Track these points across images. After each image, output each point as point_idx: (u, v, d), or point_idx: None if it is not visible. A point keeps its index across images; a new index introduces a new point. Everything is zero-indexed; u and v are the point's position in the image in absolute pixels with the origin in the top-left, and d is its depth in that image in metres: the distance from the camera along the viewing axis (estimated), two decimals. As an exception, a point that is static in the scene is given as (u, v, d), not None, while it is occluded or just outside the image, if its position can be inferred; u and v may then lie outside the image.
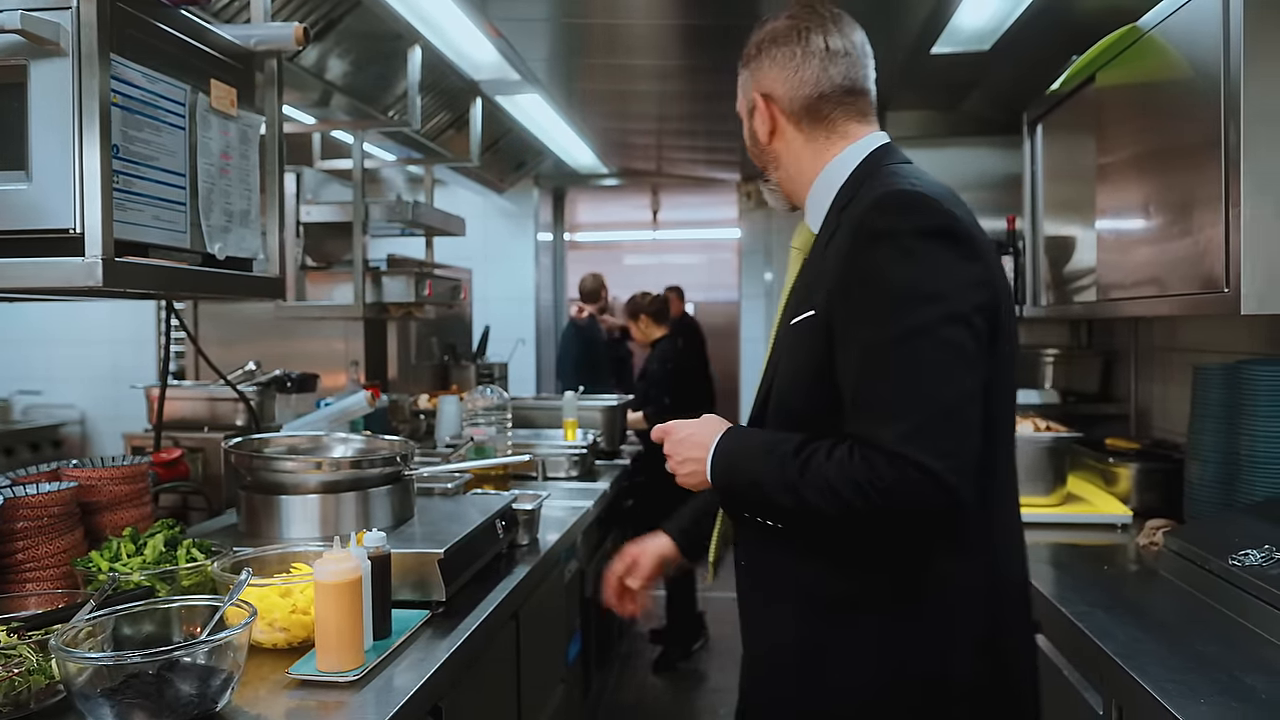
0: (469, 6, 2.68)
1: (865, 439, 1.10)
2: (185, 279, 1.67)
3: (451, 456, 2.76)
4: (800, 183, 1.35)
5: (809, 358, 1.20)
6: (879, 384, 1.11)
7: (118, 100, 1.48)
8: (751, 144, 1.39)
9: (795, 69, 1.30)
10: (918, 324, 1.09)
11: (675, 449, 1.30)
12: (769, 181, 1.41)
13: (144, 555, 1.49)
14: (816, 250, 1.28)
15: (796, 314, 1.25)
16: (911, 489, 1.06)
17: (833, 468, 1.11)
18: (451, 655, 1.50)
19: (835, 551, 1.20)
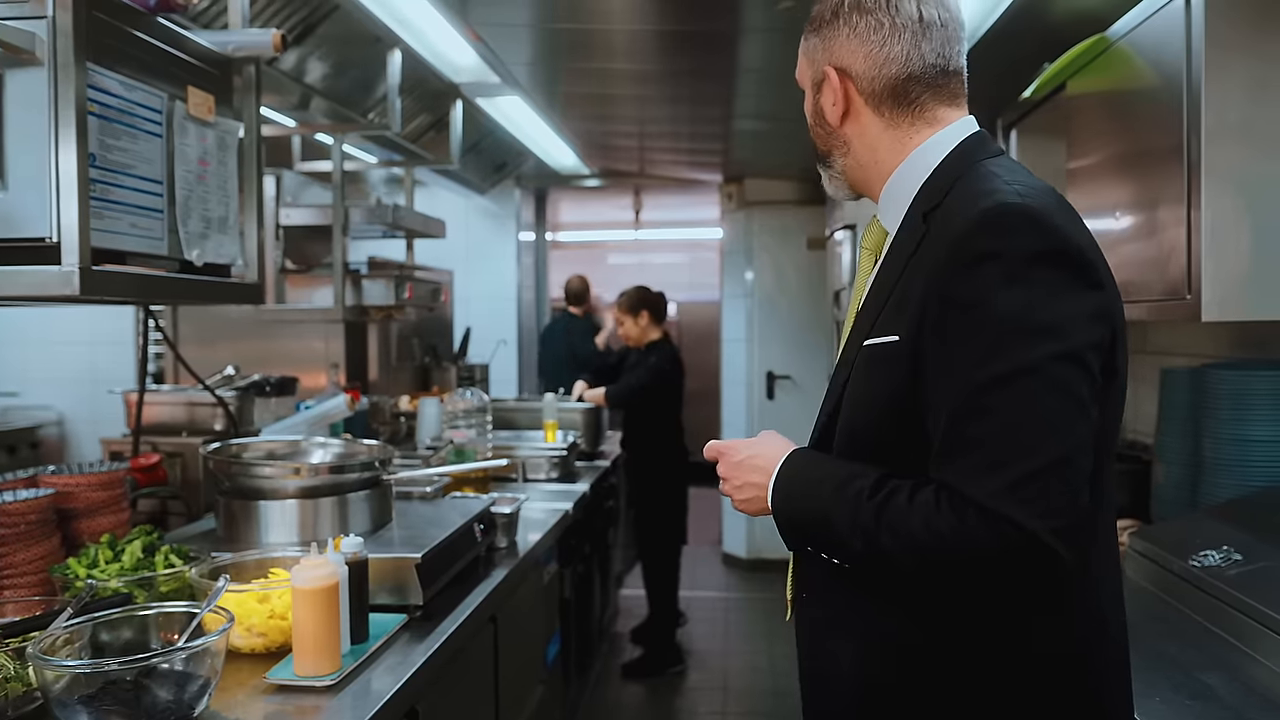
0: (449, 11, 2.69)
1: (956, 488, 0.97)
2: (163, 286, 1.69)
3: (432, 459, 2.78)
4: (874, 173, 1.18)
5: (886, 386, 1.07)
6: (977, 427, 0.97)
7: (94, 109, 1.48)
8: (816, 122, 1.21)
9: (882, 43, 1.11)
10: (1026, 362, 0.96)
11: (733, 472, 1.18)
12: (831, 166, 1.22)
13: (122, 562, 1.50)
14: (895, 258, 1.12)
15: (873, 333, 1.10)
16: (1005, 550, 0.94)
17: (916, 515, 0.99)
18: (429, 659, 1.52)
19: (915, 602, 1.06)
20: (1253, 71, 1.71)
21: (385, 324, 3.51)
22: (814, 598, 1.19)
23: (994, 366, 0.96)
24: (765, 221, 5.95)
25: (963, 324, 0.98)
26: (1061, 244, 0.99)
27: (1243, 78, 1.71)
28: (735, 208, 6.05)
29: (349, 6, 2.53)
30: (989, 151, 1.12)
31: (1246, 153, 1.72)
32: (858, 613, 1.11)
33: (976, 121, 1.15)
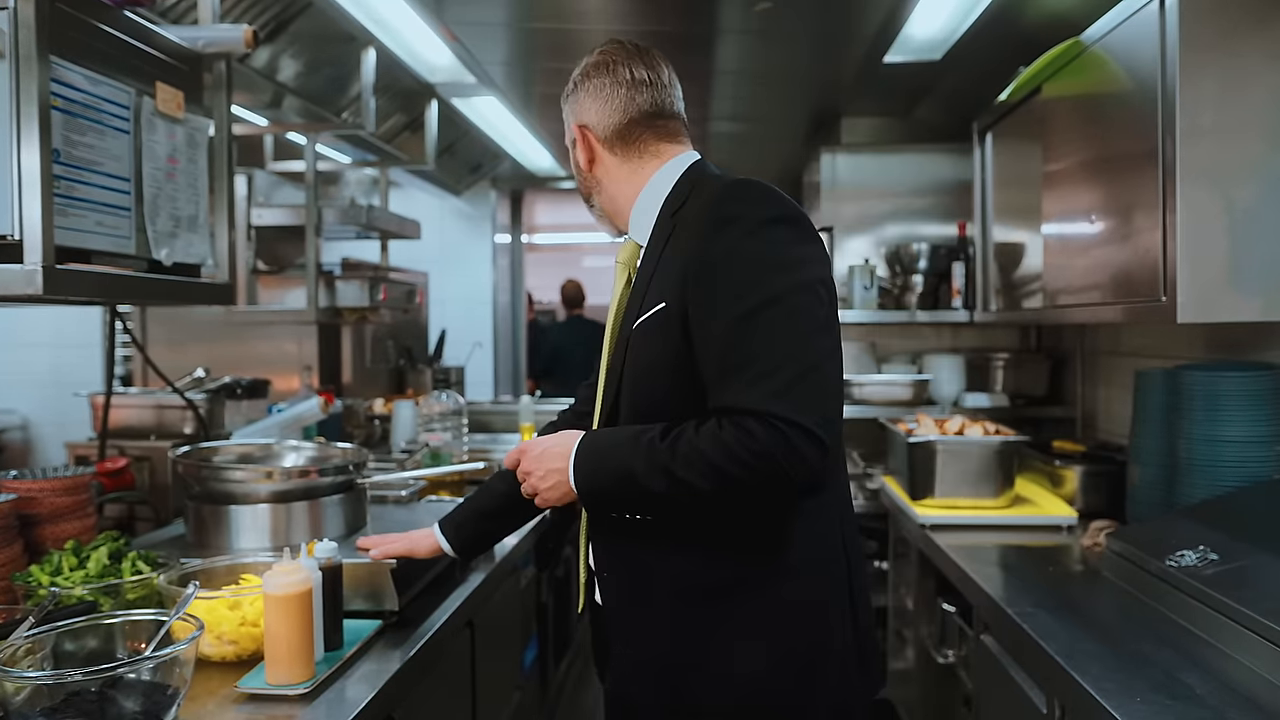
0: (424, 9, 2.66)
1: (733, 407, 1.15)
2: (130, 286, 1.64)
3: (407, 463, 2.74)
4: (621, 203, 1.41)
5: (664, 348, 1.24)
6: (740, 353, 1.16)
7: (58, 103, 1.45)
8: (576, 174, 1.46)
9: (607, 99, 1.38)
10: (770, 294, 1.17)
11: (535, 464, 1.31)
12: (594, 206, 1.46)
13: (87, 569, 1.46)
14: (650, 255, 1.33)
15: (640, 314, 1.28)
16: (785, 446, 1.11)
17: (705, 440, 1.15)
18: (405, 665, 1.49)
19: (706, 538, 1.24)
20: (1226, 74, 1.73)
21: (359, 326, 3.47)
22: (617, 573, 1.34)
23: (745, 302, 1.17)
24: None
25: (717, 275, 1.19)
26: (789, 209, 1.23)
27: (1216, 80, 1.73)
28: (712, 210, 6.06)
29: (322, 4, 2.50)
30: (714, 170, 1.37)
31: (1221, 155, 1.73)
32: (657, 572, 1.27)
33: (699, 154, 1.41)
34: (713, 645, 1.24)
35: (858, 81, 3.20)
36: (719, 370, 1.18)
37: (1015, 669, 1.66)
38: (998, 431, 2.50)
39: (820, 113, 3.79)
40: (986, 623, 1.85)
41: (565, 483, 1.27)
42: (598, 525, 1.36)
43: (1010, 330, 3.61)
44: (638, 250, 1.39)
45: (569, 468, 1.26)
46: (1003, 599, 1.73)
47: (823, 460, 1.14)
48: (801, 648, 1.24)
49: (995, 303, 3.04)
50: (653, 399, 1.27)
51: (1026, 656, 1.60)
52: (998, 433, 2.49)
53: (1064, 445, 2.73)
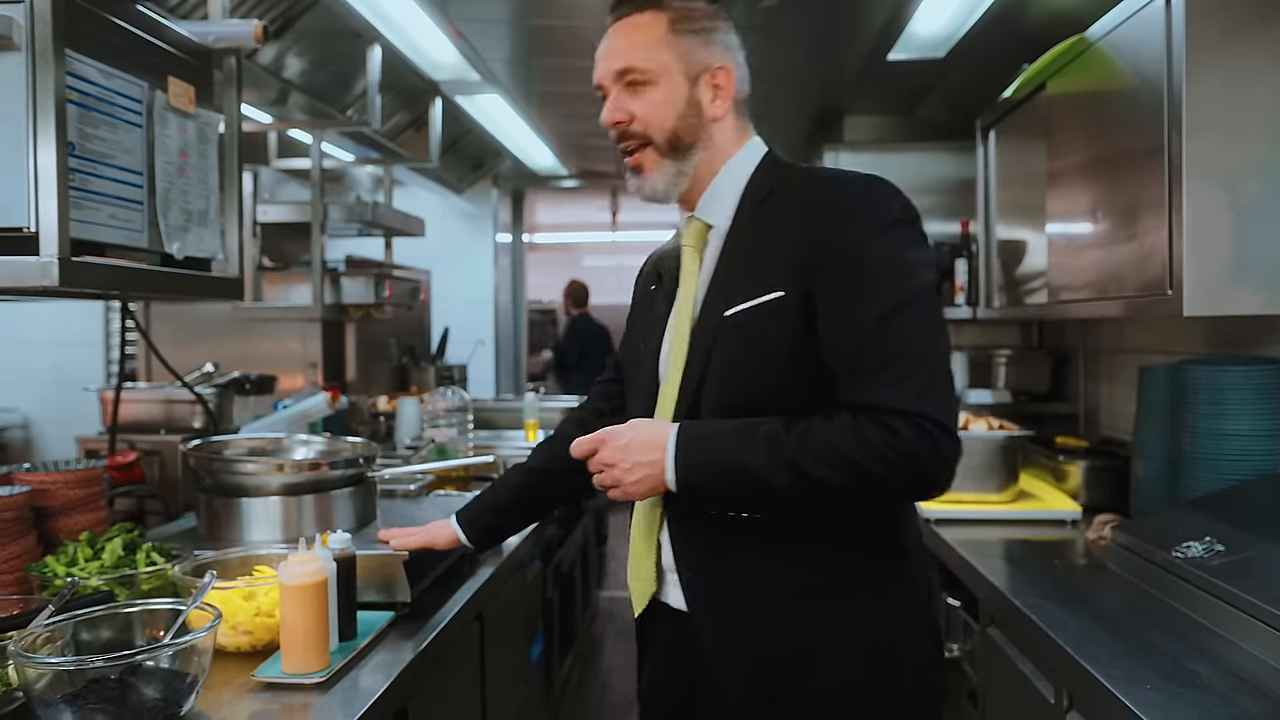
0: (429, 6, 2.67)
1: (873, 404, 1.12)
2: (143, 279, 1.65)
3: (412, 458, 2.75)
4: (715, 168, 1.31)
5: (778, 339, 1.19)
6: (881, 353, 1.13)
7: (73, 97, 1.45)
8: (690, 115, 1.28)
9: (738, 54, 1.31)
10: (906, 295, 1.15)
11: (620, 455, 1.21)
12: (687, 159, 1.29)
13: (102, 560, 1.47)
14: (735, 241, 1.27)
15: (737, 301, 1.22)
16: (932, 447, 1.10)
17: (841, 435, 1.12)
18: (417, 657, 1.50)
19: (827, 536, 1.21)
20: (1231, 71, 1.74)
21: (363, 323, 3.48)
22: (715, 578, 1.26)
23: (883, 302, 1.15)
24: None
25: (848, 270, 1.17)
26: (911, 210, 1.21)
27: (1222, 77, 1.74)
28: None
29: (329, 1, 2.50)
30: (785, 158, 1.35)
31: (1226, 151, 1.75)
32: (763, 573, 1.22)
33: None
34: (827, 649, 1.21)
35: (861, 79, 3.22)
36: (856, 368, 1.15)
37: (1023, 661, 1.68)
38: (1001, 426, 2.51)
39: (823, 110, 3.81)
40: (993, 615, 1.86)
41: (658, 475, 1.19)
42: (686, 522, 1.28)
43: (1012, 327, 3.63)
44: (705, 232, 1.31)
45: (666, 459, 1.19)
46: (1010, 591, 1.74)
47: (958, 456, 1.13)
48: (916, 648, 1.24)
49: (998, 299, 3.06)
50: (755, 391, 1.21)
51: (1034, 648, 1.61)
52: (1001, 428, 2.50)
53: (1067, 441, 2.75)
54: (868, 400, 1.13)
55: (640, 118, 1.27)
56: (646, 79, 1.26)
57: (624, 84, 1.27)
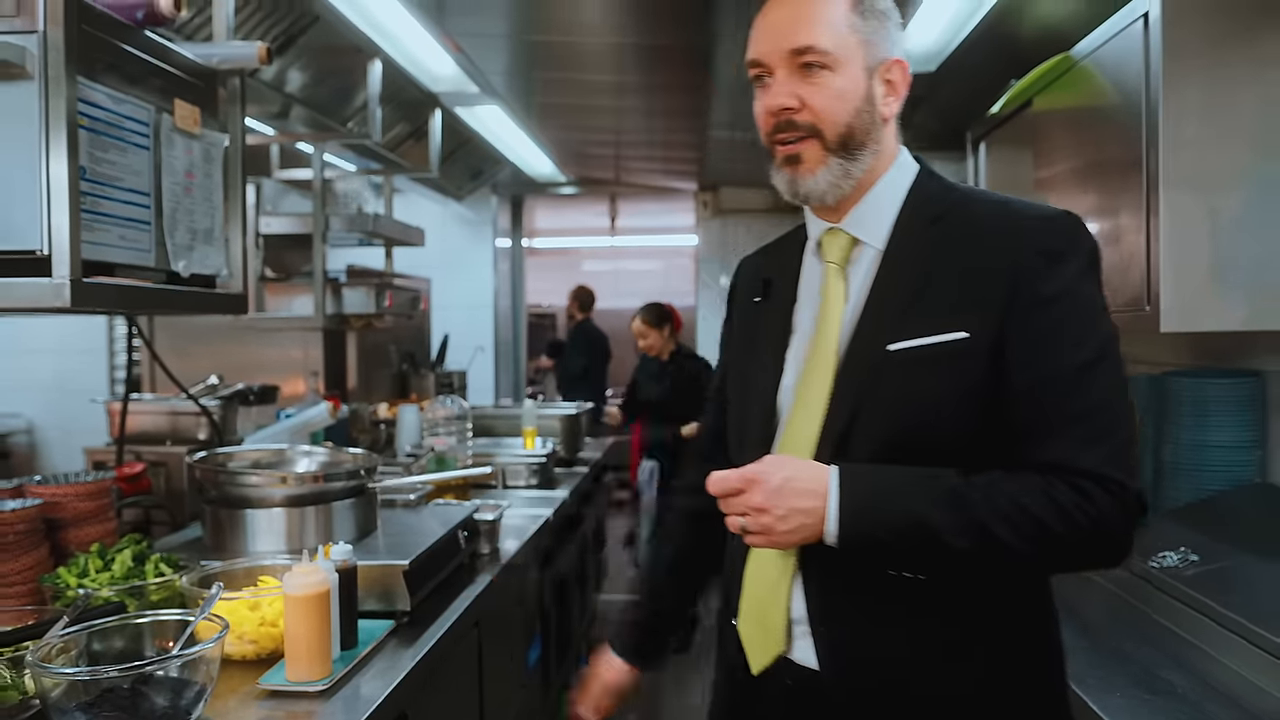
0: (429, 20, 2.72)
1: (1066, 464, 1.01)
2: (151, 298, 1.70)
3: (413, 466, 2.80)
4: (875, 176, 1.16)
5: (958, 384, 1.06)
6: (1079, 406, 1.03)
7: (84, 122, 1.50)
8: (865, 111, 1.12)
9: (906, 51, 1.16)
10: (1103, 345, 1.06)
11: (774, 500, 1.04)
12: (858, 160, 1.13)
13: (112, 571, 1.51)
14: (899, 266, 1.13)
15: (908, 334, 1.08)
16: (1123, 516, 1.01)
17: (1034, 499, 1.01)
18: (417, 664, 1.54)
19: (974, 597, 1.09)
20: (1212, 84, 1.79)
21: (363, 331, 3.53)
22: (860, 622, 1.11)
23: (1084, 351, 1.04)
24: (740, 229, 6.04)
25: (1051, 313, 1.05)
26: (1098, 250, 1.11)
27: (1201, 90, 1.79)
28: (710, 215, 6.13)
29: (331, 18, 2.56)
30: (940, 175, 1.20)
31: (1204, 164, 1.79)
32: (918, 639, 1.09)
33: None
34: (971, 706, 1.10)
35: (854, 92, 3.27)
36: (1049, 423, 1.04)
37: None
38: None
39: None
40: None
41: (815, 525, 1.04)
42: (829, 574, 1.11)
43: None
44: (851, 248, 1.17)
45: (828, 508, 1.04)
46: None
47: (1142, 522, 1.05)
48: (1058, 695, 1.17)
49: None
50: (915, 438, 1.07)
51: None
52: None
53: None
54: (1060, 459, 1.02)
55: (812, 107, 1.10)
56: (826, 63, 1.09)
57: (798, 65, 1.10)
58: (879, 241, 1.15)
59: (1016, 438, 1.05)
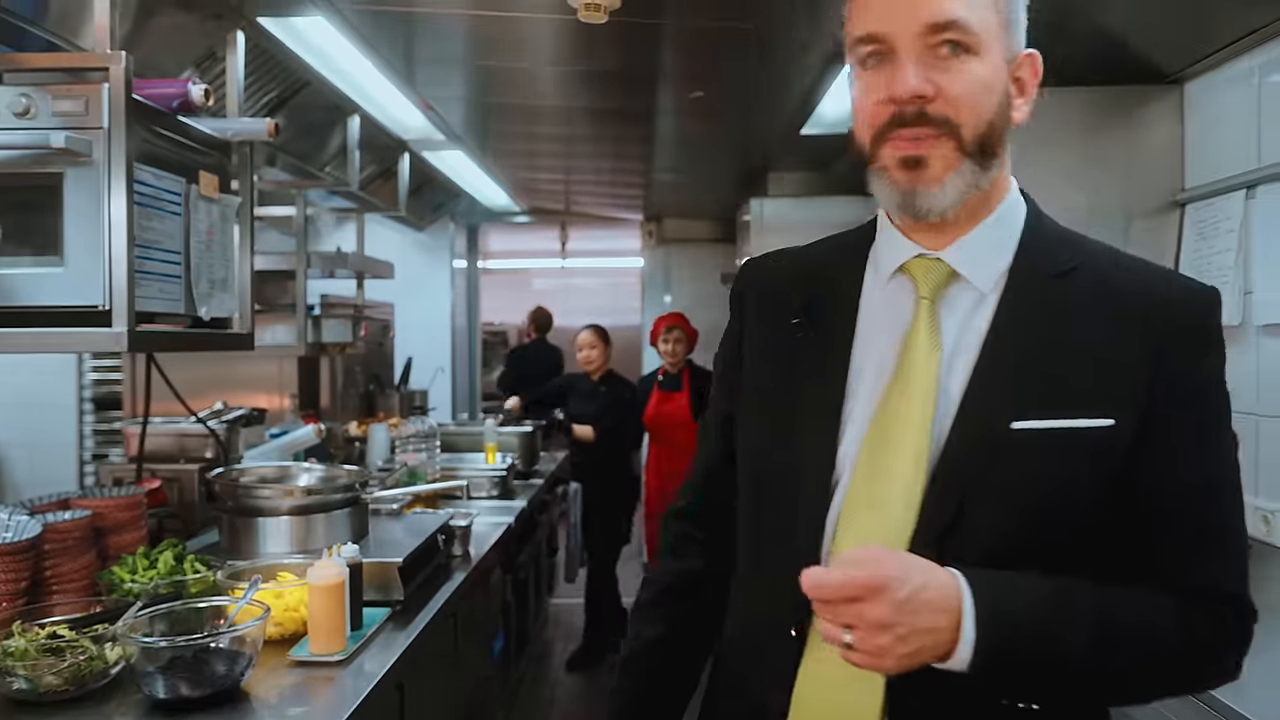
0: (403, 84, 3.07)
1: (1207, 588, 0.89)
2: (184, 340, 2.02)
3: (386, 480, 3.12)
4: (991, 196, 0.95)
5: (1093, 477, 0.88)
6: (1219, 518, 0.90)
7: (135, 198, 1.82)
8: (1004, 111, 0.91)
9: None
10: (1234, 445, 0.93)
11: (901, 616, 0.80)
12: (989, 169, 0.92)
13: (157, 568, 1.83)
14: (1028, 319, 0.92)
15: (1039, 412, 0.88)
16: (1244, 643, 0.91)
17: (1173, 626, 0.87)
18: (410, 645, 1.89)
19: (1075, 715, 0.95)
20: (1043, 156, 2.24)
21: (335, 355, 3.83)
22: None
23: (1225, 454, 0.92)
24: (682, 257, 6.46)
25: (1204, 411, 0.91)
26: None
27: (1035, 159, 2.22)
28: (655, 244, 6.54)
29: (318, 83, 2.89)
30: None
31: None
32: None
33: None
34: None
35: (780, 147, 3.70)
36: (1188, 536, 0.89)
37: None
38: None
39: (749, 169, 4.29)
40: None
41: (940, 648, 0.82)
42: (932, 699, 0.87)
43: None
44: (949, 282, 0.95)
45: (963, 630, 0.82)
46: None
47: None
48: None
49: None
50: (1038, 538, 0.89)
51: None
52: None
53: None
54: (1201, 581, 0.89)
55: (950, 96, 0.88)
56: (971, 44, 0.88)
57: (932, 44, 0.88)
58: (987, 285, 0.94)
59: (1142, 545, 0.90)
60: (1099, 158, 2.27)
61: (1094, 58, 2.19)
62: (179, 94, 2.01)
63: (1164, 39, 2.12)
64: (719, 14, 2.30)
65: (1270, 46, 1.93)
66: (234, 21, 2.37)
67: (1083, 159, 2.26)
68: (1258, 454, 1.98)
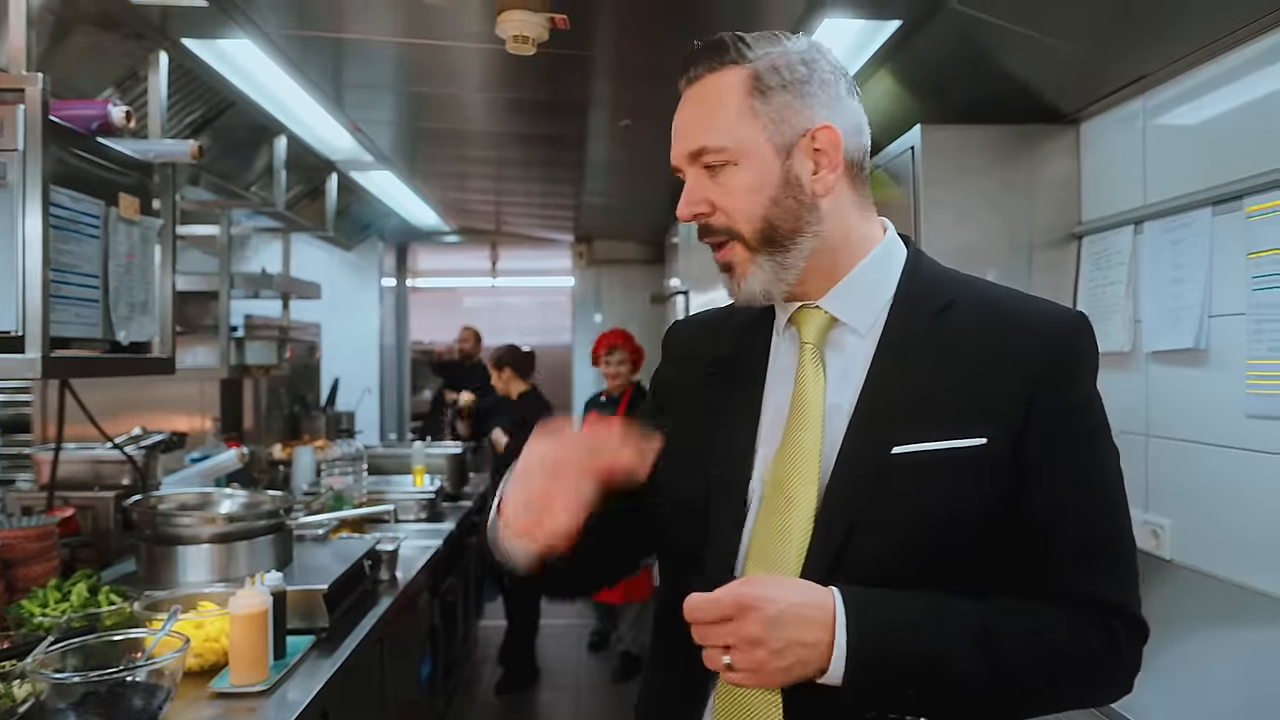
0: (332, 105, 3.05)
1: (1092, 599, 0.91)
2: (102, 365, 1.98)
3: (312, 505, 3.08)
4: (843, 258, 1.02)
5: (971, 494, 0.92)
6: (1104, 532, 0.93)
7: (52, 222, 1.78)
8: (787, 197, 0.98)
9: (846, 107, 1.00)
10: (1116, 458, 0.97)
11: (772, 632, 0.84)
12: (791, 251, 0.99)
13: (70, 601, 1.79)
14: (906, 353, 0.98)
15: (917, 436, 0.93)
16: (1137, 655, 0.94)
17: (1062, 637, 0.90)
18: (335, 672, 1.88)
19: None
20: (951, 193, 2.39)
21: (259, 376, 3.77)
22: None
23: (1106, 468, 0.95)
24: (613, 277, 6.53)
25: (1080, 426, 0.95)
26: None
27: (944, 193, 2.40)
28: (585, 264, 6.59)
29: (244, 103, 2.86)
30: None
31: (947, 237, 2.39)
32: None
33: None
34: None
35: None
36: (1073, 549, 0.92)
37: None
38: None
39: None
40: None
41: (816, 662, 0.85)
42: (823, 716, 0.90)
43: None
44: (830, 328, 1.03)
45: (836, 644, 0.85)
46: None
47: None
48: None
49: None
50: (923, 557, 0.92)
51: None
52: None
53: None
54: (1087, 593, 0.92)
55: (723, 208, 0.99)
56: (726, 159, 0.98)
57: (700, 167, 1.00)
58: (865, 326, 1.01)
59: (1029, 561, 0.93)
60: (1009, 189, 2.41)
61: (1001, 98, 2.33)
62: (99, 115, 1.98)
63: (1062, 82, 2.25)
64: (645, 48, 2.36)
65: (1154, 93, 2.07)
66: (157, 42, 2.34)
67: (1001, 186, 2.40)
68: (1148, 472, 2.10)
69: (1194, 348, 1.91)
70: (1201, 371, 1.92)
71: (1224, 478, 1.87)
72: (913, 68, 2.43)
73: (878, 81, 2.59)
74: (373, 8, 2.32)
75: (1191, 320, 1.92)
